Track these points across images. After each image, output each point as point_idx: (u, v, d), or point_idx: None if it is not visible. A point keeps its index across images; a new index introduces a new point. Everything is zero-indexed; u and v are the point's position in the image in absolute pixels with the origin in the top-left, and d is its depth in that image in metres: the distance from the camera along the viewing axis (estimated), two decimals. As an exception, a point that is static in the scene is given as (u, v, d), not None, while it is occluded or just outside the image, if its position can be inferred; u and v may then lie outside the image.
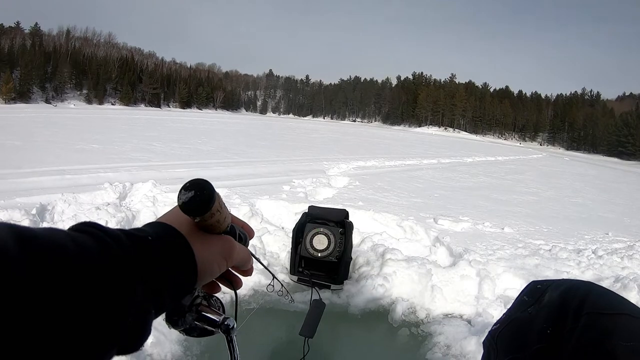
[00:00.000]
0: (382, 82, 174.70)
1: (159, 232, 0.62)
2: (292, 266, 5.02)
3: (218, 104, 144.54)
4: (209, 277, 0.69)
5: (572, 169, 39.38)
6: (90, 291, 0.46)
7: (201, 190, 0.65)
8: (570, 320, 0.75)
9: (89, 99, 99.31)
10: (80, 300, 0.44)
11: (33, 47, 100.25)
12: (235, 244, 0.74)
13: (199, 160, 16.07)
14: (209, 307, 0.78)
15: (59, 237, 0.47)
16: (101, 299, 0.47)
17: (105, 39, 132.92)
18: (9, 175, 10.01)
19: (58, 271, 0.43)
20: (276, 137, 33.90)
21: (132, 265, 0.53)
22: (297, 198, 9.39)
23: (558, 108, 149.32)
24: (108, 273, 0.49)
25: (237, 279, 0.81)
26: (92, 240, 0.50)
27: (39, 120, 31.16)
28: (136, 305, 0.52)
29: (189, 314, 0.74)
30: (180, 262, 0.61)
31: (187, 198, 0.64)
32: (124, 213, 6.69)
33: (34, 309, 0.40)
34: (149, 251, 0.57)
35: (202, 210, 0.65)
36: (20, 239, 0.42)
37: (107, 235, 0.53)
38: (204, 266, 0.65)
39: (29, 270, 0.41)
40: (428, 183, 16.03)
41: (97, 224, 0.55)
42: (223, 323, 0.77)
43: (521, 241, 8.14)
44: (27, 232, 0.44)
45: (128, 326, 0.51)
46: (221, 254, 0.71)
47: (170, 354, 3.51)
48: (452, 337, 4.24)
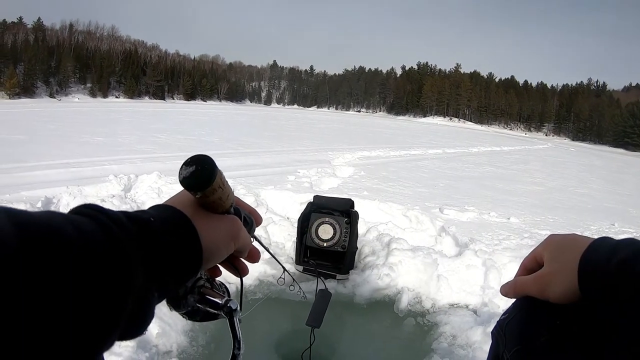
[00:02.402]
0: (387, 72, 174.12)
1: (161, 214, 0.60)
2: (298, 256, 5.01)
3: (222, 95, 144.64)
4: (215, 259, 0.68)
5: (577, 159, 39.26)
6: (90, 275, 0.44)
7: (202, 164, 0.64)
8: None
9: (93, 93, 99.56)
10: (79, 284, 0.43)
11: (36, 41, 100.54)
12: (242, 226, 0.73)
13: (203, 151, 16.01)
14: (212, 289, 0.76)
15: (57, 220, 0.45)
16: (101, 283, 0.46)
17: (109, 32, 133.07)
18: (14, 169, 10.05)
19: (56, 255, 0.42)
20: (281, 128, 33.88)
21: (133, 248, 0.51)
22: (302, 188, 9.39)
23: (564, 98, 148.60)
24: (108, 256, 0.47)
25: (244, 265, 0.80)
26: (92, 223, 0.49)
27: (43, 114, 31.24)
28: (137, 289, 0.51)
29: (190, 296, 0.72)
30: (184, 244, 0.60)
31: (187, 173, 0.63)
32: (129, 205, 6.70)
33: (31, 296, 0.39)
34: (151, 233, 0.55)
35: (204, 185, 0.64)
36: (16, 223, 0.41)
37: (107, 217, 0.52)
38: (209, 248, 0.64)
39: (26, 256, 0.39)
40: (433, 173, 16.01)
41: (98, 206, 0.54)
42: (226, 305, 0.75)
43: (527, 231, 8.12)
44: (23, 216, 0.42)
45: (129, 311, 0.49)
46: (228, 235, 0.69)
47: (176, 344, 3.51)
48: (458, 327, 4.23)
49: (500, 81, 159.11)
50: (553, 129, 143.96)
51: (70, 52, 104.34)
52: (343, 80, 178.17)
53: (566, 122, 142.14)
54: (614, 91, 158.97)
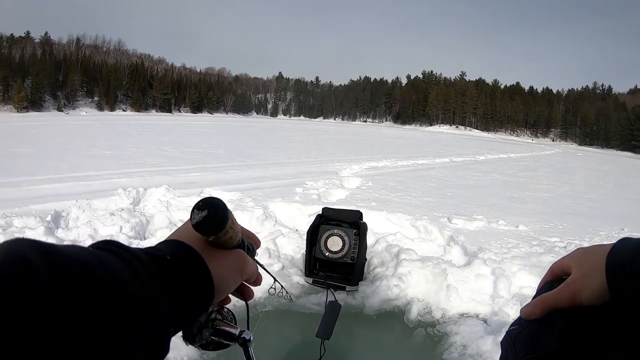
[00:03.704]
0: (392, 82, 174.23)
1: (175, 252, 0.62)
2: (307, 268, 5.01)
3: (229, 107, 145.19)
4: (224, 292, 0.70)
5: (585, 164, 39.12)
6: (118, 311, 0.46)
7: (214, 209, 0.65)
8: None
9: (100, 106, 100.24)
10: (107, 320, 0.45)
11: (44, 56, 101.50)
12: (248, 258, 0.75)
13: (211, 164, 16.14)
14: (223, 320, 0.78)
15: (85, 255, 0.47)
16: (127, 319, 0.47)
17: (115, 46, 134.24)
18: (24, 182, 10.12)
19: (87, 291, 0.44)
20: (287, 139, 33.94)
21: (155, 285, 0.54)
22: (310, 200, 9.41)
23: (570, 103, 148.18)
24: (135, 293, 0.50)
25: (249, 289, 0.82)
26: (117, 259, 0.51)
27: (51, 128, 31.47)
28: (158, 325, 0.53)
29: (205, 330, 0.74)
30: (197, 281, 0.62)
31: (200, 218, 0.64)
32: (138, 218, 6.73)
33: (65, 329, 0.41)
34: (168, 271, 0.58)
35: (216, 230, 0.65)
36: (48, 260, 0.42)
37: (130, 254, 0.54)
38: (219, 283, 0.66)
39: (61, 291, 0.41)
40: (441, 182, 15.99)
41: (119, 242, 0.56)
42: (240, 336, 0.78)
43: (536, 239, 8.10)
44: (52, 250, 0.44)
45: (149, 344, 0.52)
46: (235, 269, 0.71)
47: (187, 357, 3.53)
48: (468, 336, 4.22)
49: (505, 88, 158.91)
50: (560, 134, 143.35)
51: (77, 66, 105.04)
52: (349, 91, 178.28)
53: (573, 127, 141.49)
54: (619, 94, 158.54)
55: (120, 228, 6.36)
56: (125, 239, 6.09)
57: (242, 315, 0.89)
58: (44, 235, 5.73)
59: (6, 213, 6.61)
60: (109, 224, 6.36)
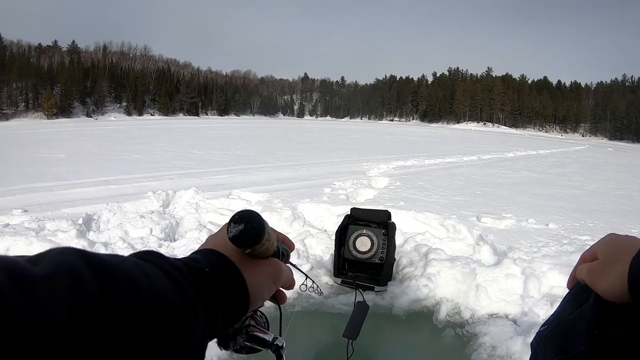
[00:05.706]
0: (418, 80, 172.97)
1: (212, 263, 0.64)
2: (336, 268, 5.03)
3: (255, 109, 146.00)
4: (259, 302, 0.72)
5: (615, 159, 38.32)
6: (163, 324, 0.49)
7: (251, 222, 0.65)
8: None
9: (128, 111, 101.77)
10: (152, 334, 0.47)
11: (72, 63, 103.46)
12: (283, 266, 0.77)
13: (238, 165, 16.22)
14: (256, 326, 0.79)
15: (130, 267, 0.49)
16: (172, 330, 0.50)
17: (141, 52, 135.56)
18: (56, 187, 10.30)
19: (134, 302, 0.46)
20: (315, 140, 33.94)
21: (196, 297, 0.56)
22: (339, 200, 9.40)
23: (599, 97, 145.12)
24: (176, 306, 0.52)
25: (282, 294, 0.84)
26: (159, 271, 0.54)
27: (81, 133, 31.99)
28: (196, 335, 0.55)
29: (239, 336, 0.76)
30: (234, 293, 0.64)
31: (237, 231, 0.65)
32: (168, 220, 6.82)
33: (115, 341, 0.43)
34: (207, 283, 0.60)
35: (253, 243, 0.67)
36: (96, 272, 0.44)
37: (171, 266, 0.56)
38: (255, 293, 0.67)
39: (110, 304, 0.43)
40: (469, 180, 15.83)
41: (160, 253, 0.58)
42: (273, 343, 0.79)
43: (566, 237, 7.97)
44: (100, 262, 0.46)
45: (187, 354, 0.54)
46: (270, 278, 0.73)
47: (217, 357, 3.58)
48: (497, 337, 4.19)
49: (533, 83, 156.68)
50: (590, 129, 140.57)
51: (105, 73, 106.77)
52: (375, 90, 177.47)
53: (603, 121, 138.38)
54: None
55: (151, 230, 6.45)
56: (155, 241, 6.18)
57: (274, 315, 0.90)
58: (76, 238, 5.85)
59: (39, 217, 6.74)
60: (140, 226, 6.46)
